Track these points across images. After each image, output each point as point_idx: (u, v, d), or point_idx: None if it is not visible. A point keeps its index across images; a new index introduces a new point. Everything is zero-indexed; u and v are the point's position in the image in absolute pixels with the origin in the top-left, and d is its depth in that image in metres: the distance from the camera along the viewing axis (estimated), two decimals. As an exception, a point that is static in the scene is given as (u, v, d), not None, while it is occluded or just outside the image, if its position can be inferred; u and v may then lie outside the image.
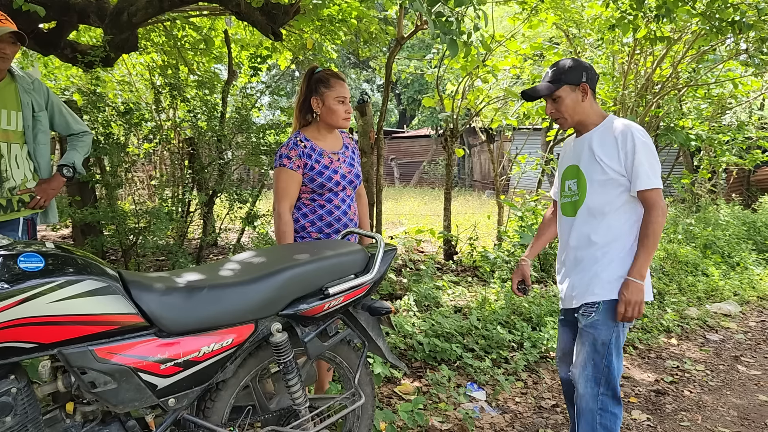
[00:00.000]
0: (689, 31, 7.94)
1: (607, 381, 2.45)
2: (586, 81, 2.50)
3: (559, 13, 7.72)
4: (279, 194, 2.73)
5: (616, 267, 2.44)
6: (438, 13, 3.18)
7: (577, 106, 2.51)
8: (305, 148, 2.73)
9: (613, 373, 2.46)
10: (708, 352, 4.86)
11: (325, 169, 2.74)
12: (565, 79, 2.50)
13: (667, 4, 4.67)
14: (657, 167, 2.39)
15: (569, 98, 2.51)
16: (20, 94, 3.02)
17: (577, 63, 2.53)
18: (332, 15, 6.13)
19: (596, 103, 2.57)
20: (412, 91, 33.25)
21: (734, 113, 11.52)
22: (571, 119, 2.54)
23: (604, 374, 2.45)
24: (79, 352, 1.68)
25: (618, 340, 2.46)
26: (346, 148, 2.90)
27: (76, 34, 6.90)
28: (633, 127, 2.42)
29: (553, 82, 2.52)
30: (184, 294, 1.87)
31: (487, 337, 4.41)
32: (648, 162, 2.37)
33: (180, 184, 5.91)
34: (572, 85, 2.50)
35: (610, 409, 2.47)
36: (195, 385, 1.90)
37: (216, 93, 5.60)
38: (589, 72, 2.52)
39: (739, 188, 14.30)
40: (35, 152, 3.10)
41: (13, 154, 2.99)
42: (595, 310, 2.46)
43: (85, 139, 3.35)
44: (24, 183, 3.04)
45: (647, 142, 2.39)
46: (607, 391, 2.46)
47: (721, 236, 8.54)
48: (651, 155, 2.39)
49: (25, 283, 1.59)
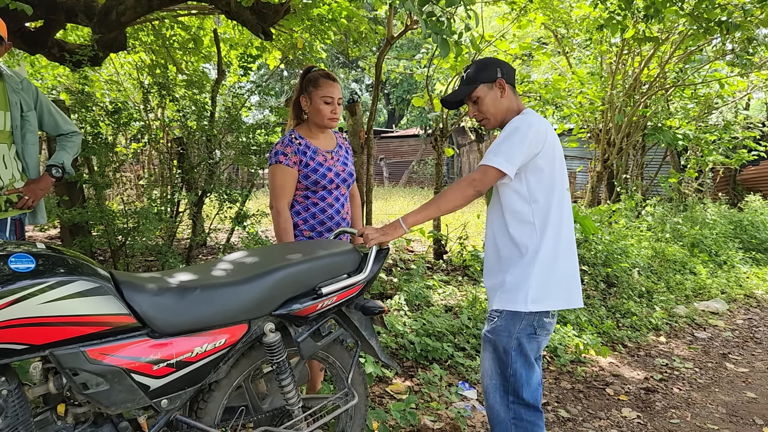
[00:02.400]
0: (676, 32, 8.01)
1: (515, 390, 2.34)
2: (501, 76, 2.43)
3: (547, 13, 7.77)
4: (276, 191, 2.72)
5: (516, 274, 2.34)
6: (429, 13, 3.18)
7: (497, 104, 2.44)
8: (300, 145, 2.74)
9: (520, 381, 2.34)
10: (696, 350, 4.90)
11: (320, 167, 2.74)
12: (480, 78, 2.44)
13: (655, 5, 4.71)
14: (510, 149, 2.25)
15: (488, 97, 2.44)
16: (8, 94, 2.98)
17: (490, 60, 2.49)
18: (322, 14, 6.12)
19: (516, 97, 2.49)
20: (401, 90, 33.27)
21: (720, 113, 11.64)
22: (494, 118, 2.46)
23: (512, 383, 2.35)
24: (71, 354, 1.66)
25: (522, 348, 2.33)
26: (340, 147, 2.91)
27: (63, 33, 6.84)
28: (515, 118, 2.36)
29: (469, 83, 2.46)
30: (176, 294, 1.86)
31: (477, 336, 4.42)
32: (499, 142, 2.29)
33: (169, 183, 5.87)
34: (488, 83, 2.43)
35: (525, 417, 2.35)
36: (188, 386, 1.89)
37: (205, 92, 5.57)
38: (503, 68, 2.45)
39: (726, 187, 14.45)
40: (23, 152, 3.06)
41: (0, 154, 2.96)
42: (498, 316, 2.38)
43: (74, 139, 3.31)
44: (12, 183, 3.00)
45: (520, 127, 2.28)
46: (517, 400, 2.35)
47: (708, 235, 8.62)
48: (508, 137, 2.28)
49: (16, 284, 1.57)
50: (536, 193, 2.33)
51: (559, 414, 3.58)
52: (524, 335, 2.33)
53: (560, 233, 2.35)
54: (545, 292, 2.31)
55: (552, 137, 2.35)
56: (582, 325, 4.96)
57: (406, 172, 25.87)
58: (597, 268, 6.14)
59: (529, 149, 2.27)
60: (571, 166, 18.12)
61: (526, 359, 2.34)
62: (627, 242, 6.86)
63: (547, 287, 2.31)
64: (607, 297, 5.85)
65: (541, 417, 2.38)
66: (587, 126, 9.87)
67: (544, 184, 2.33)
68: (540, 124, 2.31)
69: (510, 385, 2.35)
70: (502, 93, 2.44)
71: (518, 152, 2.24)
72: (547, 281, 2.31)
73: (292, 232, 2.73)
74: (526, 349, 2.33)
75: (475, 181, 2.28)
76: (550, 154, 2.33)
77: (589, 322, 5.11)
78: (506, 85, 2.44)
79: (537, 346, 2.38)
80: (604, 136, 9.37)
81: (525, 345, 2.33)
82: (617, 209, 8.46)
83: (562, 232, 2.36)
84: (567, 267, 2.37)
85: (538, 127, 2.29)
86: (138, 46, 6.95)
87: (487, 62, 2.47)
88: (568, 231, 2.39)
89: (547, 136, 2.31)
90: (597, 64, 9.37)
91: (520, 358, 2.33)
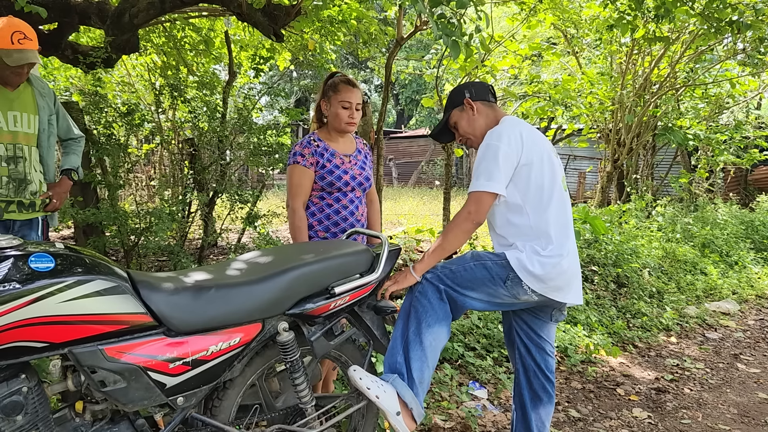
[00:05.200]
0: (687, 31, 7.98)
1: (440, 278, 2.38)
2: (468, 96, 2.57)
3: (557, 13, 7.75)
4: (293, 191, 2.79)
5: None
6: (440, 15, 3.20)
7: (472, 122, 2.57)
8: (318, 147, 2.80)
9: (454, 277, 2.37)
10: (707, 351, 4.89)
11: (336, 169, 2.78)
12: (451, 105, 2.62)
13: (666, 4, 4.70)
14: (487, 168, 2.33)
15: (462, 119, 2.59)
16: (37, 98, 3.05)
17: (457, 88, 2.66)
18: (332, 16, 6.14)
19: (492, 109, 2.58)
20: (410, 91, 33.30)
21: (732, 113, 11.59)
22: (474, 136, 2.58)
23: (448, 274, 2.38)
24: (89, 352, 1.69)
25: (488, 270, 2.36)
26: (359, 152, 2.95)
27: (76, 36, 6.90)
28: (486, 134, 2.43)
29: (444, 113, 2.65)
30: (192, 293, 1.89)
31: (488, 336, 4.43)
32: (477, 164, 2.39)
33: (180, 184, 5.92)
34: (458, 106, 2.60)
35: (430, 297, 2.37)
36: (203, 384, 1.91)
37: (217, 94, 5.61)
38: (470, 88, 2.60)
39: (737, 187, 14.36)
40: (47, 155, 3.14)
41: (33, 158, 3.04)
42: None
43: (81, 143, 3.41)
44: (40, 187, 3.10)
45: (490, 143, 2.36)
46: (437, 280, 2.38)
47: (719, 235, 8.57)
48: (485, 157, 2.36)
49: (36, 283, 1.60)
50: (527, 197, 2.38)
51: (569, 414, 3.58)
52: (502, 283, 2.35)
53: (567, 233, 2.42)
54: (545, 281, 2.34)
55: (530, 139, 2.39)
56: (592, 325, 4.96)
57: (415, 172, 25.84)
58: (607, 269, 6.13)
59: (507, 160, 2.33)
60: (581, 166, 18.08)
61: (475, 286, 2.36)
62: (637, 242, 6.84)
63: (548, 278, 2.34)
64: (617, 297, 5.84)
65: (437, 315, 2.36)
66: (597, 126, 9.85)
67: (531, 184, 2.37)
68: (511, 131, 2.37)
69: (447, 273, 2.38)
70: (473, 111, 2.57)
71: (495, 168, 2.33)
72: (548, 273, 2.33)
73: (307, 230, 2.78)
74: (490, 274, 2.35)
75: (471, 214, 2.37)
76: (531, 157, 2.37)
77: (600, 322, 5.10)
78: (474, 102, 2.57)
79: (497, 295, 2.38)
80: (614, 136, 9.35)
81: (493, 274, 2.35)
82: (627, 209, 8.43)
83: (567, 232, 2.42)
84: (570, 264, 2.41)
85: (509, 136, 2.35)
86: (149, 47, 7.00)
87: (454, 90, 2.66)
88: (566, 228, 2.43)
89: (522, 140, 2.36)
90: (607, 64, 9.34)
91: (477, 271, 2.36)
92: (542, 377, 2.61)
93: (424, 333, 2.31)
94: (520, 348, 2.65)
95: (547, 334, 2.62)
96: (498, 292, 2.37)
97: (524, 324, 2.62)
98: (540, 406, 2.62)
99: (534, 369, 2.61)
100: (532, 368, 2.62)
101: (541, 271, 2.31)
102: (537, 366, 2.60)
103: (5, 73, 2.83)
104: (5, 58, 2.73)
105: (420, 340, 2.30)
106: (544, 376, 2.61)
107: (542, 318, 2.58)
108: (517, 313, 2.63)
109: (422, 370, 2.29)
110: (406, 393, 2.23)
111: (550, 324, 2.60)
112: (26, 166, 3.00)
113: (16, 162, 2.96)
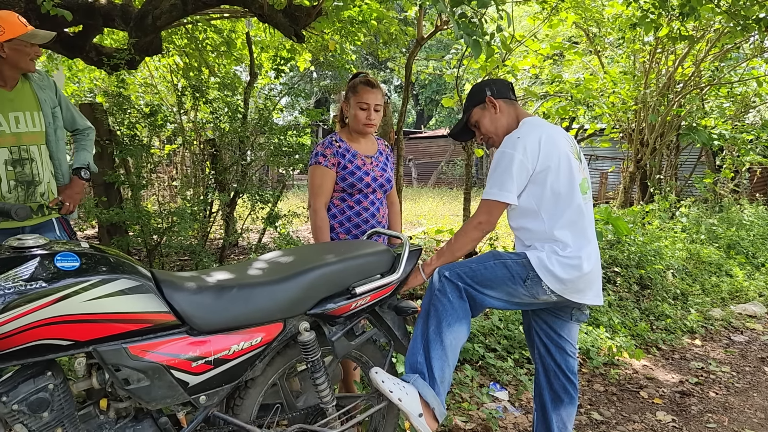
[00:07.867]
0: (712, 29, 7.86)
1: (459, 275, 2.34)
2: (490, 94, 2.52)
3: (579, 12, 7.69)
4: (314, 191, 2.79)
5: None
6: (461, 14, 3.18)
7: (494, 121, 2.53)
8: (339, 148, 2.80)
9: (474, 275, 2.34)
10: (733, 354, 4.81)
11: (357, 170, 2.78)
12: (471, 103, 2.57)
13: (691, 2, 4.63)
14: (501, 177, 2.33)
15: (484, 118, 2.54)
16: (36, 92, 2.93)
17: (478, 85, 2.60)
18: (353, 16, 6.15)
19: (515, 107, 2.56)
20: (430, 91, 33.24)
21: (758, 112, 11.39)
22: (496, 135, 2.54)
23: (467, 272, 2.35)
24: (114, 350, 1.71)
25: (509, 270, 2.33)
26: (380, 154, 2.95)
27: (100, 38, 7.00)
28: (504, 140, 2.42)
29: (465, 112, 2.60)
30: (214, 293, 1.90)
31: (509, 337, 4.40)
32: (491, 171, 2.38)
33: (202, 184, 5.97)
34: (479, 104, 2.54)
35: (449, 294, 2.34)
36: (225, 383, 1.92)
37: (238, 94, 5.65)
38: (491, 86, 2.55)
39: (763, 188, 14.12)
40: (56, 150, 3.02)
41: (43, 157, 2.95)
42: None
43: (90, 136, 3.27)
44: (49, 187, 3.00)
45: (505, 152, 2.35)
46: (454, 277, 2.34)
47: (745, 236, 8.43)
48: (499, 165, 2.35)
49: (62, 282, 1.63)
50: (542, 203, 2.36)
51: (592, 416, 3.54)
52: (521, 284, 2.33)
53: (586, 236, 2.39)
54: (565, 283, 2.32)
55: (549, 143, 2.35)
56: (615, 327, 4.90)
57: (434, 172, 25.81)
58: (630, 270, 6.05)
59: (521, 170, 2.32)
60: (603, 166, 17.90)
61: (493, 287, 2.34)
62: (661, 243, 6.75)
63: (568, 280, 2.32)
64: (640, 299, 5.77)
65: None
66: (620, 126, 9.74)
67: (547, 190, 2.35)
68: (528, 138, 2.35)
69: (467, 271, 2.35)
70: (495, 110, 2.52)
71: (509, 178, 2.32)
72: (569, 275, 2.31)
73: (328, 230, 2.78)
74: (510, 274, 2.33)
75: (481, 224, 2.39)
76: (548, 163, 2.33)
77: (623, 324, 5.04)
78: (497, 100, 2.52)
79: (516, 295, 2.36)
80: (637, 136, 9.24)
81: (513, 273, 2.33)
82: (651, 210, 8.33)
83: (586, 235, 2.39)
84: (591, 267, 2.38)
85: (525, 144, 2.33)
86: (172, 49, 7.08)
87: (475, 88, 2.60)
88: (585, 232, 2.40)
89: (540, 146, 2.33)
90: (630, 63, 9.24)
91: (497, 270, 2.33)
92: (563, 378, 2.58)
93: (445, 332, 2.30)
94: (540, 348, 2.62)
95: (567, 333, 2.58)
96: (517, 292, 2.36)
97: (543, 323, 2.60)
98: (561, 408, 2.59)
99: (554, 369, 2.58)
100: (552, 368, 2.59)
101: (561, 271, 2.29)
102: (557, 366, 2.58)
103: (5, 72, 2.77)
104: (31, 40, 2.68)
105: (440, 339, 2.29)
106: (564, 376, 2.58)
107: (562, 317, 2.55)
108: (536, 312, 2.61)
109: (443, 368, 2.28)
110: (428, 393, 2.22)
111: (570, 323, 2.57)
112: (34, 167, 2.89)
113: (22, 164, 2.86)
